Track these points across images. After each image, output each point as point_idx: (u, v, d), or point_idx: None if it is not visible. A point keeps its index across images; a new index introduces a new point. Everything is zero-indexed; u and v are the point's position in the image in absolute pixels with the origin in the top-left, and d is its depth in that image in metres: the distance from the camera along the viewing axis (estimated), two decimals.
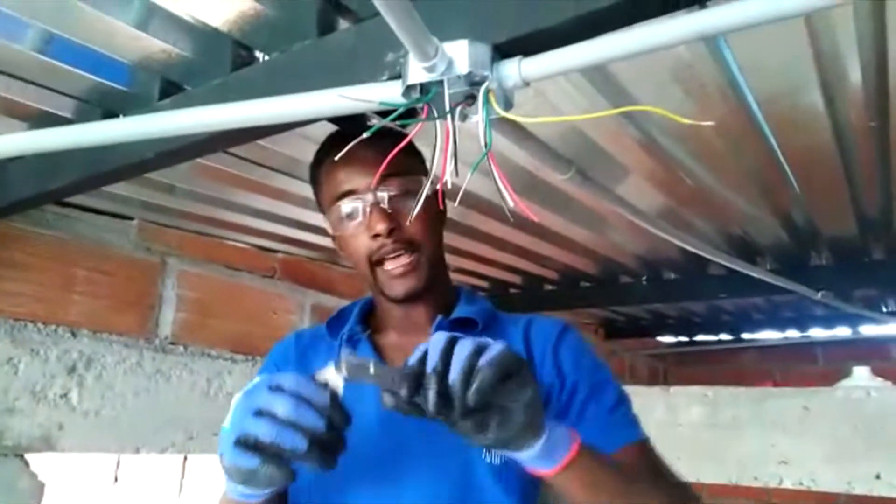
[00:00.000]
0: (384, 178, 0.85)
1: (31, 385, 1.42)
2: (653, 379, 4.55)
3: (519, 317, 0.97)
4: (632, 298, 2.70)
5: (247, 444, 0.66)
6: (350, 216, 0.89)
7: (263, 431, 0.66)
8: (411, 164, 0.92)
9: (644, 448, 0.87)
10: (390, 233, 0.86)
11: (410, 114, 0.71)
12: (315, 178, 0.98)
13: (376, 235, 0.87)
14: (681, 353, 4.41)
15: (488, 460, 0.83)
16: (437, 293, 0.95)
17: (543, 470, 0.69)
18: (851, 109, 1.17)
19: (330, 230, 0.95)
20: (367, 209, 0.88)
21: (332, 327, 0.98)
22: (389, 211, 0.87)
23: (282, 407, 0.66)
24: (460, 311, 0.94)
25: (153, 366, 1.63)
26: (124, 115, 1.09)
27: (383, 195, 0.88)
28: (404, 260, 0.88)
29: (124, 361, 1.57)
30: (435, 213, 0.93)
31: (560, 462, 0.68)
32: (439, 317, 0.91)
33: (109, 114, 1.10)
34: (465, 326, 0.91)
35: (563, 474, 0.69)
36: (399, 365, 0.84)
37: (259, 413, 0.67)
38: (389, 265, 0.88)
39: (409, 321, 0.95)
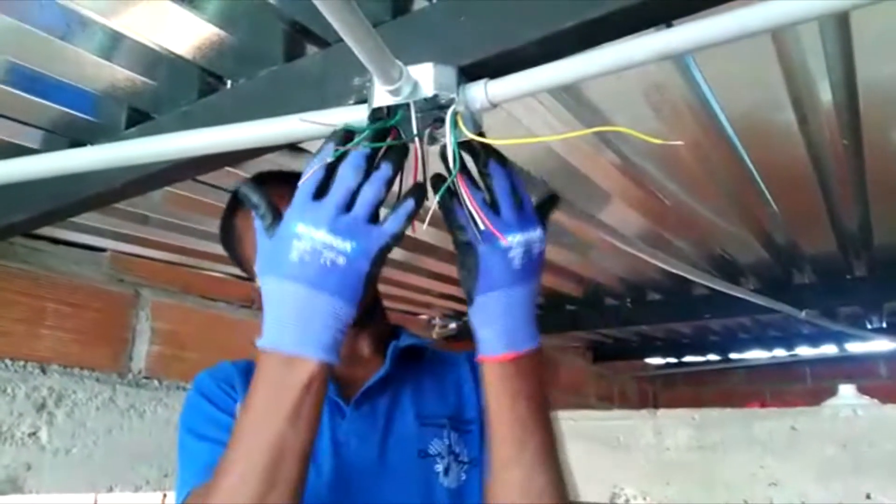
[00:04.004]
0: None
1: None
2: (642, 402, 4.53)
3: (455, 352, 1.00)
4: (617, 320, 2.70)
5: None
6: None
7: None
8: None
9: None
10: None
11: (381, 137, 0.70)
12: (230, 236, 0.95)
13: None
14: (670, 374, 4.40)
15: (446, 484, 0.85)
16: (377, 320, 0.96)
17: (508, 351, 0.69)
18: (824, 128, 1.18)
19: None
20: None
21: None
22: None
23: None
24: (408, 340, 0.95)
25: (126, 401, 1.58)
26: (91, 144, 1.07)
27: None
28: None
29: (96, 397, 1.53)
30: None
31: (523, 350, 0.70)
32: (393, 343, 0.92)
33: (77, 144, 1.08)
34: (414, 354, 0.94)
35: (518, 364, 0.70)
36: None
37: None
38: None
39: (354, 352, 0.94)
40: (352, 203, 0.62)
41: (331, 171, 0.63)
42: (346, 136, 0.64)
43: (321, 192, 0.62)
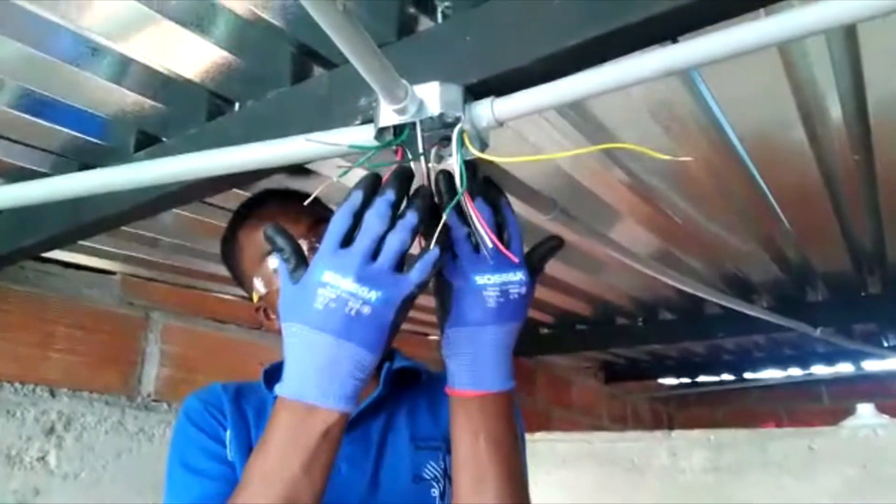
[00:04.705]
0: (316, 224, 0.88)
1: (6, 448, 1.37)
2: (656, 423, 4.47)
3: None
4: (629, 340, 2.68)
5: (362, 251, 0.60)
6: None
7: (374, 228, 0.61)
8: (331, 212, 0.93)
9: None
10: None
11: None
12: (231, 249, 0.96)
13: None
14: (684, 395, 4.34)
15: (436, 494, 0.84)
16: None
17: (472, 389, 0.69)
18: (835, 143, 1.17)
19: (259, 292, 0.92)
20: (306, 253, 0.86)
21: (269, 380, 0.93)
22: None
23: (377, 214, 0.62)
24: (402, 362, 0.93)
25: (136, 425, 1.58)
26: (101, 168, 1.08)
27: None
28: None
29: (105, 421, 1.52)
30: None
31: (488, 390, 0.69)
32: (387, 364, 0.90)
33: (86, 167, 1.09)
34: (408, 376, 0.93)
35: (483, 402, 0.69)
36: None
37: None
38: None
39: None
40: (377, 251, 0.61)
41: (356, 218, 0.63)
42: (374, 181, 0.64)
43: (348, 240, 0.62)
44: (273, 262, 0.87)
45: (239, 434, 0.85)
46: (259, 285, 0.91)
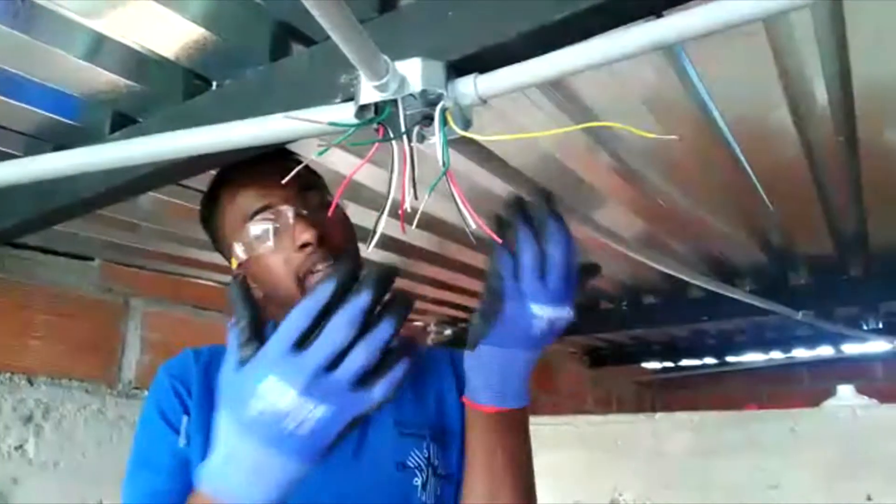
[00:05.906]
0: (304, 191, 0.83)
1: None
2: (640, 407, 4.51)
3: (437, 350, 1.00)
4: (613, 324, 2.69)
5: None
6: (267, 233, 0.81)
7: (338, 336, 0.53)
8: (319, 180, 0.90)
9: None
10: (321, 241, 0.79)
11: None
12: (211, 211, 0.89)
13: (304, 245, 0.79)
14: (667, 379, 4.38)
15: (424, 499, 0.81)
16: None
17: (493, 405, 0.72)
18: (820, 126, 1.17)
19: (238, 258, 0.84)
20: (291, 221, 0.81)
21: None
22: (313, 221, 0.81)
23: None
24: None
25: (116, 412, 1.56)
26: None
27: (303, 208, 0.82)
28: None
29: (85, 409, 1.50)
30: (352, 228, 0.88)
31: (509, 406, 0.72)
32: None
33: (60, 149, 1.05)
34: None
35: (501, 418, 0.72)
36: None
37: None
38: (320, 276, 0.80)
39: None
40: (337, 360, 0.54)
41: (320, 316, 0.54)
42: (349, 275, 0.56)
43: (304, 339, 0.54)
44: (256, 227, 0.81)
45: (202, 412, 0.80)
46: (239, 251, 0.83)
